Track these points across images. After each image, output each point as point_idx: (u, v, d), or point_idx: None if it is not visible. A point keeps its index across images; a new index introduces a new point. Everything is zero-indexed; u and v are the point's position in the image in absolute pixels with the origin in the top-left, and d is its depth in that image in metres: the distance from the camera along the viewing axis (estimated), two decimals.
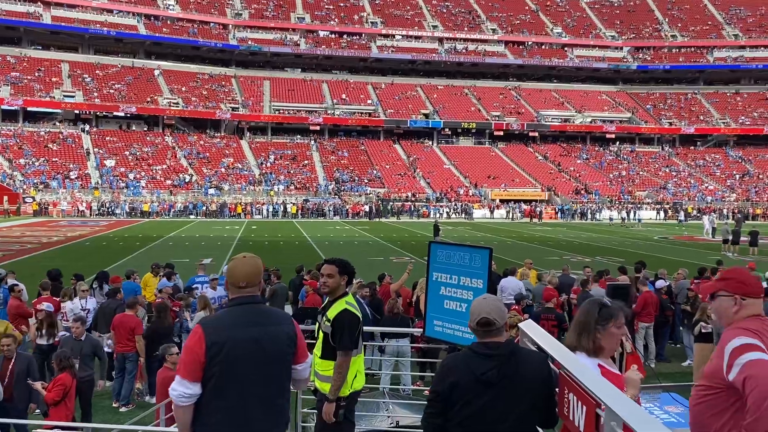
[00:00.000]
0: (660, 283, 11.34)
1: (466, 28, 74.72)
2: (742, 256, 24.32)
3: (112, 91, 59.96)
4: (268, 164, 58.23)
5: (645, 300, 10.19)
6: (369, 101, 67.64)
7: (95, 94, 58.81)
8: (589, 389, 2.67)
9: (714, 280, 3.18)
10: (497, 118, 66.91)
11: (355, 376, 4.41)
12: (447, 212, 51.56)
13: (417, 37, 72.56)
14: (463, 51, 72.73)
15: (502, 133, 66.48)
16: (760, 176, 63.06)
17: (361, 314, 4.46)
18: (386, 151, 63.77)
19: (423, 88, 71.69)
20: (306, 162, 59.64)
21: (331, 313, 4.33)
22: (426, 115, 66.52)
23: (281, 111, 64.57)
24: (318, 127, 64.01)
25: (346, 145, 64.02)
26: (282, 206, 49.99)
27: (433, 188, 56.60)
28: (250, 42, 67.87)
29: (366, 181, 56.87)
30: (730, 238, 26.21)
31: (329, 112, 65.02)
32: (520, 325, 3.92)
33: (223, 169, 55.72)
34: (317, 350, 4.45)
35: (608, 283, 8.60)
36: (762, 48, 74.10)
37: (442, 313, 5.23)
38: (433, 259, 5.39)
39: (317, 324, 4.60)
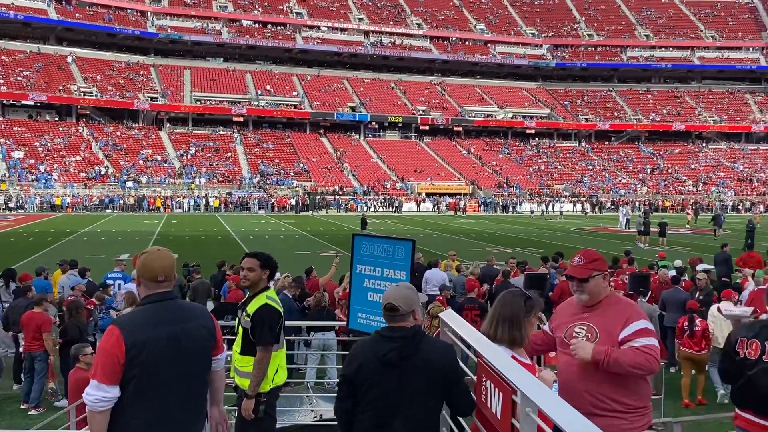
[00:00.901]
0: None
1: (391, 22, 75.07)
2: (652, 246, 25.65)
3: (20, 78, 56.58)
4: (189, 156, 56.61)
5: (562, 289, 10.55)
6: (295, 93, 66.89)
7: (1, 81, 55.33)
8: (506, 376, 2.73)
9: (579, 265, 3.31)
10: (423, 113, 67.69)
11: (276, 371, 4.34)
12: (374, 206, 51.78)
13: (343, 30, 72.28)
14: (389, 45, 73.07)
15: (427, 127, 67.35)
16: (669, 170, 66.71)
17: (282, 309, 4.40)
18: (313, 143, 63.33)
19: (349, 81, 71.56)
20: (229, 154, 58.36)
21: (251, 307, 4.25)
22: (353, 108, 66.48)
23: (203, 101, 62.87)
24: (242, 119, 62.75)
25: (271, 137, 63.08)
26: (204, 200, 48.77)
27: (360, 182, 56.67)
28: (169, 30, 65.62)
29: (292, 174, 56.28)
30: (643, 229, 27.56)
31: (253, 103, 63.85)
32: (441, 315, 3.97)
33: (141, 161, 53.73)
34: (237, 346, 4.36)
35: (525, 273, 8.87)
36: (671, 48, 78.30)
37: (366, 306, 5.23)
38: (357, 252, 5.37)
39: (237, 319, 4.50)
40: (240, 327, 4.34)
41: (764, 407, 3.40)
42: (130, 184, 49.63)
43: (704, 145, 73.30)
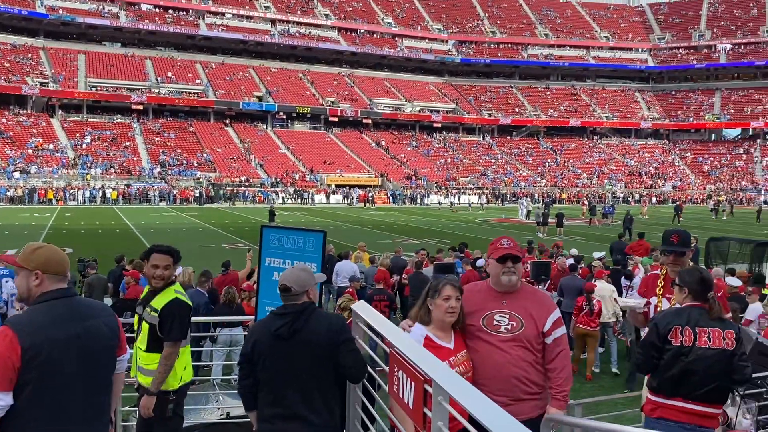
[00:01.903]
0: (480, 262, 12.12)
1: (299, 12, 74.10)
2: (550, 236, 26.84)
3: None
4: (84, 145, 53.52)
5: (467, 278, 10.81)
6: (198, 81, 64.70)
7: None
8: (418, 366, 2.73)
9: (513, 247, 3.45)
10: (332, 104, 67.39)
11: (185, 368, 4.20)
12: (283, 197, 51.08)
13: (249, 17, 70.56)
14: (297, 34, 72.12)
15: (336, 119, 67.13)
16: (566, 164, 70.04)
17: (192, 303, 4.30)
18: (217, 133, 61.53)
19: (256, 70, 70.06)
20: (128, 144, 55.67)
21: (158, 302, 4.08)
22: (259, 98, 65.15)
23: (99, 88, 59.53)
24: (141, 107, 59.98)
25: (172, 126, 60.73)
26: (100, 191, 46.28)
27: (268, 173, 55.70)
28: (61, 11, 61.56)
29: (196, 164, 54.46)
30: (542, 220, 28.83)
31: (154, 90, 61.18)
32: (353, 306, 3.93)
33: (30, 151, 50.22)
34: (141, 344, 4.16)
35: (434, 263, 9.04)
36: (568, 47, 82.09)
37: (275, 299, 5.08)
38: (266, 244, 5.23)
39: (137, 316, 4.27)
40: (144, 323, 4.14)
41: (699, 393, 3.52)
42: (17, 174, 46.30)
43: (598, 140, 77.48)
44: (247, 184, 52.58)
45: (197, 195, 48.08)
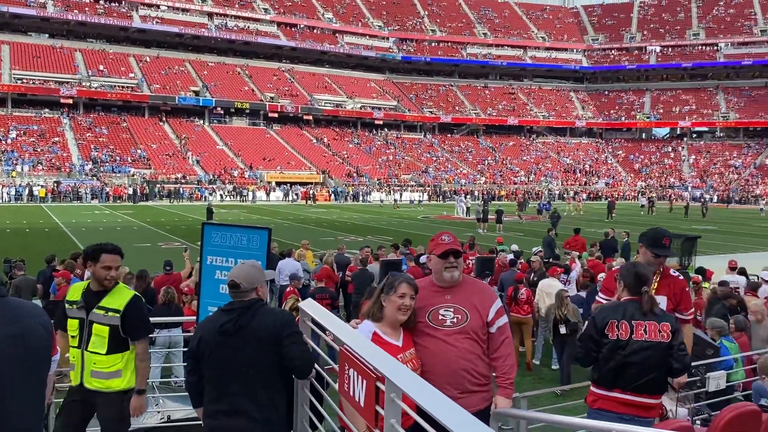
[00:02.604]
0: (423, 258, 12.19)
1: (237, 6, 72.70)
2: (490, 232, 27.33)
3: None
4: (9, 141, 50.96)
5: (411, 275, 10.86)
6: (131, 74, 62.62)
7: None
8: (370, 363, 2.69)
9: (454, 242, 3.44)
10: (271, 100, 66.50)
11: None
12: (221, 195, 50.09)
13: (185, 10, 68.76)
14: (235, 29, 70.76)
15: (276, 114, 66.30)
16: (505, 162, 71.46)
17: None
18: (152, 129, 59.73)
19: (192, 64, 68.40)
20: (57, 139, 53.32)
21: (115, 303, 3.96)
22: (196, 93, 63.63)
23: (25, 80, 56.80)
24: (71, 101, 57.57)
25: (104, 121, 58.57)
26: (27, 189, 44.18)
27: (205, 170, 54.50)
28: None
29: (129, 161, 52.73)
30: (482, 216, 29.32)
31: (84, 84, 58.85)
32: (300, 305, 3.86)
33: None
34: (97, 348, 3.95)
35: (380, 260, 9.03)
36: (506, 47, 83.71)
37: (217, 299, 4.95)
38: (207, 242, 5.07)
39: (75, 320, 4.03)
40: (99, 326, 3.95)
41: (636, 384, 3.61)
42: None
43: (535, 138, 79.39)
44: (183, 181, 51.29)
45: (131, 192, 46.57)
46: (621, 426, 3.13)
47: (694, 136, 79.00)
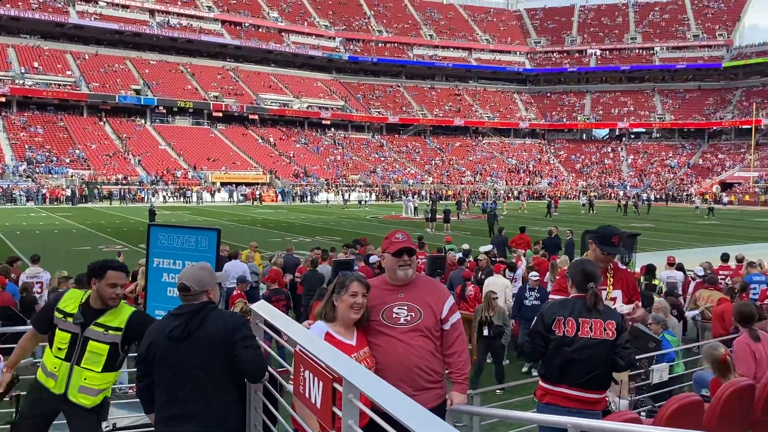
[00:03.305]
0: (373, 258, 12.21)
1: (179, 3, 71.10)
2: (438, 231, 27.58)
3: None
4: None
5: (363, 273, 10.86)
6: (69, 72, 60.44)
7: None
8: (327, 364, 2.66)
9: (408, 240, 3.45)
10: (216, 99, 65.32)
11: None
12: (164, 196, 48.89)
13: (125, 6, 66.73)
14: (178, 26, 69.20)
15: (221, 114, 65.16)
16: (452, 162, 72.29)
17: None
18: (91, 128, 57.77)
19: (133, 62, 66.53)
20: None
21: (115, 320, 3.82)
22: (137, 91, 61.92)
23: None
24: (3, 99, 55.07)
25: (40, 120, 56.31)
26: None
27: (147, 170, 53.10)
28: None
29: (67, 162, 50.88)
30: (430, 216, 29.58)
31: (18, 81, 56.44)
32: (253, 307, 3.79)
33: None
34: (92, 365, 3.80)
35: (333, 260, 8.99)
36: (452, 49, 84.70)
37: (165, 302, 4.82)
38: (154, 244, 4.93)
39: (68, 333, 3.83)
40: (97, 343, 3.80)
41: (580, 380, 3.68)
42: None
43: (480, 139, 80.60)
44: (124, 182, 49.84)
45: (69, 194, 44.95)
46: (570, 419, 3.19)
47: (632, 136, 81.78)
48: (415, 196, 46.94)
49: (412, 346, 3.30)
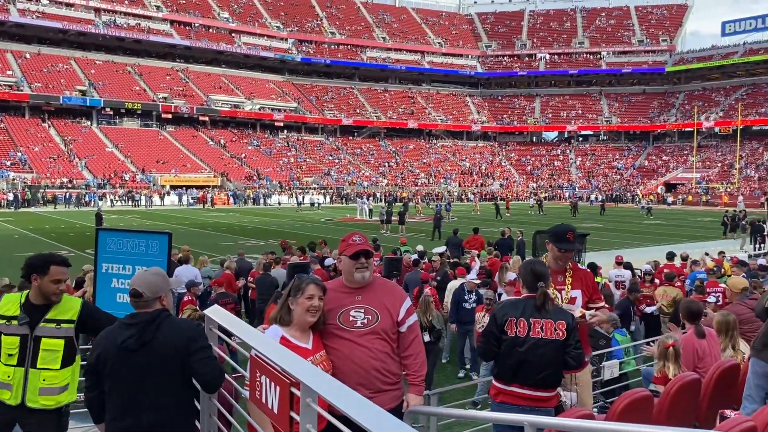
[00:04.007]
0: (329, 261, 12.16)
1: (126, 2, 69.36)
2: (393, 233, 27.66)
3: None
4: None
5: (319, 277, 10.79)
6: (9, 72, 58.22)
7: None
8: (284, 369, 2.62)
9: (365, 243, 3.45)
10: (165, 100, 63.97)
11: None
12: (112, 200, 47.59)
13: (69, 5, 64.70)
14: (125, 26, 67.50)
15: (170, 115, 63.85)
16: (406, 164, 72.63)
17: None
18: (34, 130, 55.78)
19: (78, 62, 64.57)
20: None
21: (64, 313, 3.71)
22: (83, 92, 60.11)
23: None
24: None
25: None
26: None
27: (93, 174, 51.58)
28: None
29: (8, 164, 48.98)
30: (385, 218, 29.65)
31: None
32: (206, 312, 3.71)
33: None
34: (49, 364, 3.66)
35: (288, 263, 8.91)
36: (405, 51, 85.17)
37: (115, 308, 4.68)
38: (102, 249, 4.79)
39: (15, 337, 3.66)
40: (52, 340, 3.67)
41: (533, 380, 3.74)
42: None
43: (434, 141, 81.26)
44: (69, 185, 48.30)
45: (11, 198, 43.30)
46: (526, 417, 3.24)
47: (581, 139, 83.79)
48: (370, 199, 46.97)
49: (369, 349, 3.29)
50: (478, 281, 9.37)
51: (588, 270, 4.53)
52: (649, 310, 9.69)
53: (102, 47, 67.64)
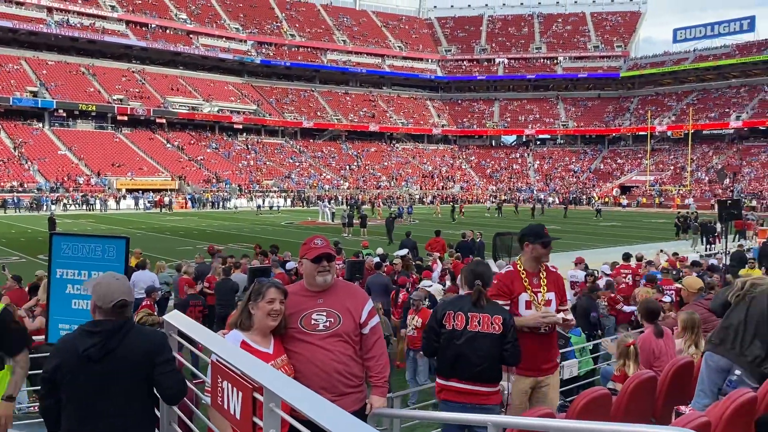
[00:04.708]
0: (290, 264, 12.08)
1: (80, 1, 67.65)
2: (355, 237, 27.63)
3: None
4: None
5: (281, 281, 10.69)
6: None
7: None
8: (246, 374, 2.59)
9: (327, 246, 3.46)
10: (121, 102, 62.59)
11: None
12: (65, 204, 46.33)
13: (19, 3, 62.72)
14: (78, 26, 65.82)
15: (126, 118, 62.47)
16: (367, 167, 72.66)
17: None
18: None
19: (29, 62, 62.67)
20: None
21: None
22: (34, 93, 58.35)
23: None
24: None
25: None
26: None
27: (46, 177, 50.12)
28: None
29: None
30: (347, 221, 29.61)
31: None
32: (166, 317, 3.65)
33: None
34: None
35: (249, 267, 8.82)
36: (365, 55, 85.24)
37: (70, 315, 4.55)
38: (56, 254, 4.65)
39: None
40: None
41: (470, 373, 3.82)
42: None
43: (395, 144, 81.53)
44: (20, 189, 46.82)
45: None
46: (490, 417, 3.27)
47: (538, 142, 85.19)
48: (332, 202, 46.84)
49: (331, 352, 3.29)
50: (429, 286, 9.36)
51: (559, 273, 4.55)
52: (627, 309, 9.83)
53: (54, 47, 65.80)
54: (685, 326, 5.21)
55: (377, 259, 12.12)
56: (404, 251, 14.65)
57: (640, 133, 73.00)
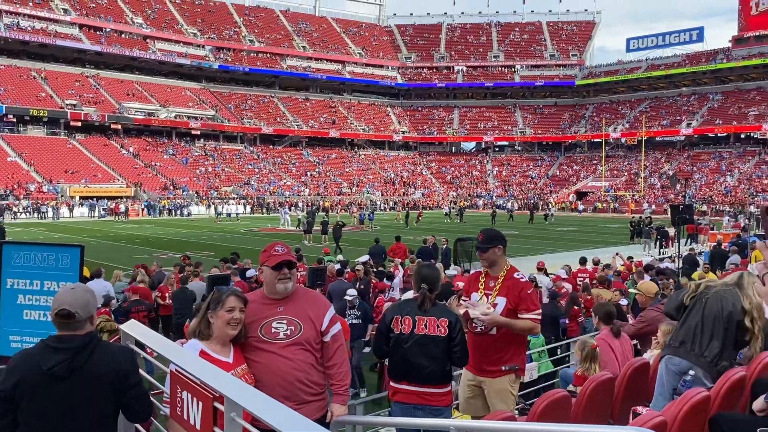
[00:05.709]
0: (250, 272, 11.94)
1: (31, 3, 65.85)
2: (316, 243, 27.50)
3: None
4: None
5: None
6: None
7: None
8: (206, 383, 2.55)
9: (288, 253, 3.45)
10: (74, 107, 61.04)
11: None
12: (15, 212, 44.87)
13: None
14: (29, 29, 64.01)
15: (79, 123, 60.93)
16: (328, 173, 72.44)
17: None
18: None
19: None
20: None
21: None
22: None
23: None
24: None
25: None
26: None
27: None
28: None
29: None
30: (307, 228, 29.44)
31: None
32: (122, 327, 3.57)
33: None
34: None
35: (207, 275, 8.69)
36: (325, 61, 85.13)
37: (21, 326, 4.41)
38: (7, 264, 4.50)
39: None
40: None
41: (417, 375, 3.88)
42: None
43: (356, 151, 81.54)
44: None
45: None
46: (453, 421, 3.29)
47: (497, 149, 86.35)
48: (292, 208, 46.53)
49: (292, 360, 3.27)
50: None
51: (522, 279, 4.46)
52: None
53: (4, 51, 63.82)
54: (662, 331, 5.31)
55: (338, 266, 12.08)
56: (365, 257, 14.67)
57: (596, 140, 74.73)
